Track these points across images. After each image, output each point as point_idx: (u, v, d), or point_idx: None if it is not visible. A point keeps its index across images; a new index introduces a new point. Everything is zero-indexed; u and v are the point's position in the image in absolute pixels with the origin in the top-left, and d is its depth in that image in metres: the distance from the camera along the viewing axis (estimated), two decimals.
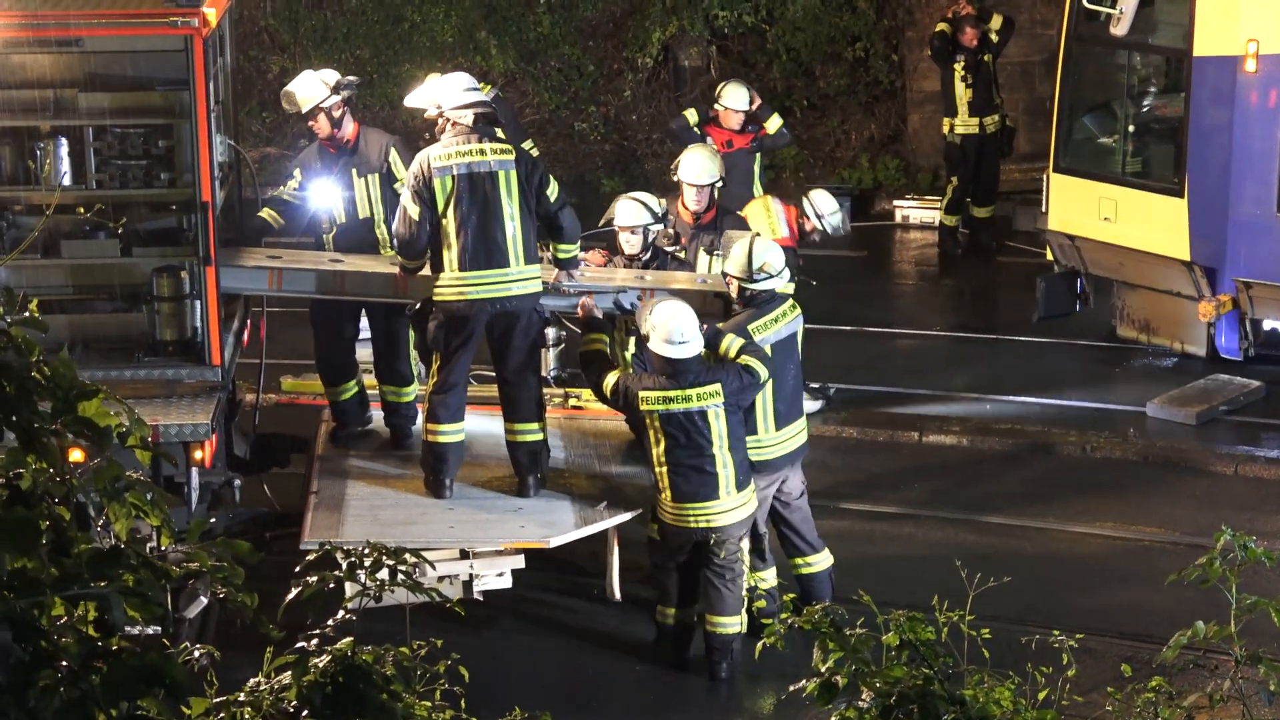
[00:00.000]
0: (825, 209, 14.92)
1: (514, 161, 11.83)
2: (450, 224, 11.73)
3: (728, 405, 11.16)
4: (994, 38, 19.63)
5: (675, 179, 14.04)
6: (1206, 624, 6.63)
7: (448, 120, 11.99)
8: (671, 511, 11.25)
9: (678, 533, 11.27)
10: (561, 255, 12.15)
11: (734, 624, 11.33)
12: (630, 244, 13.13)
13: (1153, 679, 7.12)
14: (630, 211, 13.19)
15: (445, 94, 12.08)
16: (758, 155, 16.48)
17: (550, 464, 12.30)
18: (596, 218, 13.96)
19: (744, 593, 11.29)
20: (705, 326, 11.37)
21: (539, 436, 12.10)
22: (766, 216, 15.08)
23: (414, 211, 11.77)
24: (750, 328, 11.56)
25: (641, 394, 11.23)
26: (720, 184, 13.86)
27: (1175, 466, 14.86)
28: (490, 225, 11.73)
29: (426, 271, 12.03)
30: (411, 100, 12.68)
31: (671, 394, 11.16)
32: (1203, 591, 6.96)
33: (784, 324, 11.73)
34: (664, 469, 11.22)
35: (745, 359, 11.24)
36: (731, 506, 11.21)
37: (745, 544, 11.32)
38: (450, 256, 11.76)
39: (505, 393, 12.13)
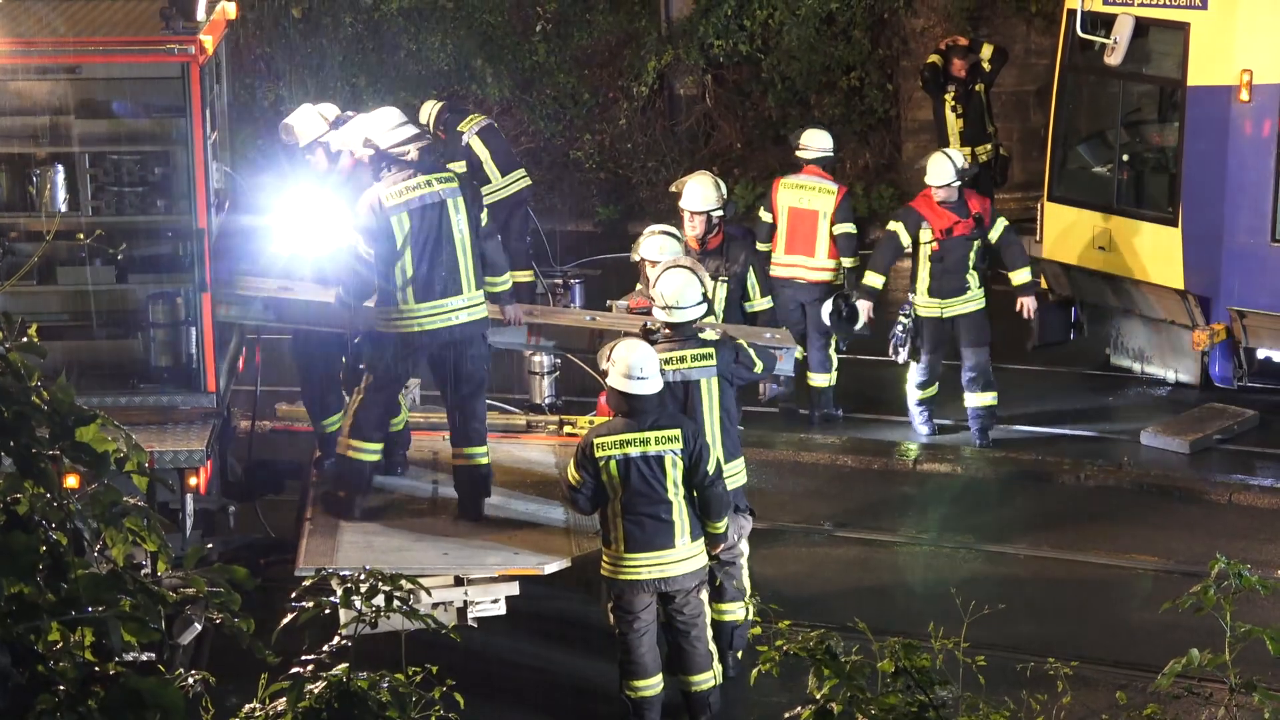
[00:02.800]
0: (823, 144, 16.04)
1: (459, 188, 11.81)
2: (408, 259, 11.61)
3: (685, 454, 10.77)
4: (986, 67, 19.67)
5: (679, 205, 14.06)
6: (1201, 652, 6.64)
7: (381, 159, 11.75)
8: (623, 564, 10.83)
9: (631, 587, 10.85)
10: (492, 290, 11.95)
11: (709, 679, 11.10)
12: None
13: (1147, 707, 7.13)
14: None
15: (378, 133, 11.81)
16: (975, 244, 15.39)
17: (545, 490, 12.29)
18: (594, 245, 13.98)
19: (712, 645, 11.11)
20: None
21: (487, 460, 12.06)
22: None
23: (366, 251, 11.61)
24: None
25: (596, 441, 10.80)
26: (720, 213, 13.82)
27: (1169, 495, 14.86)
28: (446, 255, 11.65)
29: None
30: (338, 141, 12.40)
31: (629, 437, 10.76)
32: (1197, 619, 6.98)
33: (689, 367, 11.35)
34: (618, 518, 10.81)
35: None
36: (685, 556, 10.85)
37: (705, 595, 11.09)
38: (406, 290, 11.62)
39: (455, 418, 12.03)
